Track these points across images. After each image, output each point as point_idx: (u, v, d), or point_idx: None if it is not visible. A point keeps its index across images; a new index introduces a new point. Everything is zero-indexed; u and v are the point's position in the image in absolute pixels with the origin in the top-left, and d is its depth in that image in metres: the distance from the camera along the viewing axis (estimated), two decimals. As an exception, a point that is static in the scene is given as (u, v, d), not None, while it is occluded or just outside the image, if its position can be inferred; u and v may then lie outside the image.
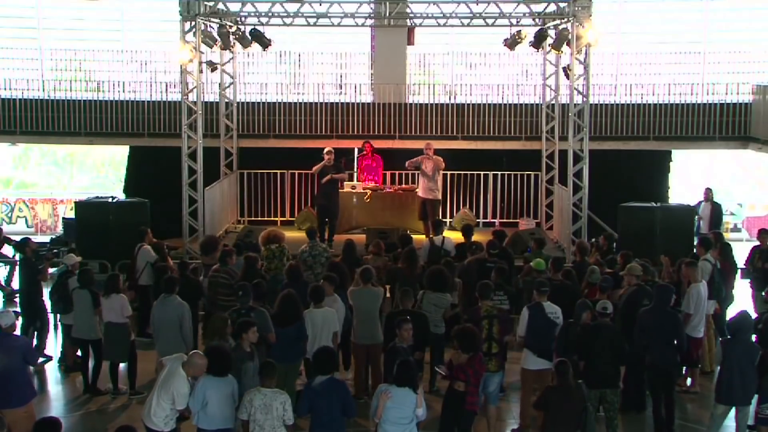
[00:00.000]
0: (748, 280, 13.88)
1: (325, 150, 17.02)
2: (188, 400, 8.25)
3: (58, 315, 12.83)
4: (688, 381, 11.90)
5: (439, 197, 17.53)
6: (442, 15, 16.50)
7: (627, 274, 11.39)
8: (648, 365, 10.11)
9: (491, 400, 9.87)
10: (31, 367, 9.50)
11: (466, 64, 20.87)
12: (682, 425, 10.72)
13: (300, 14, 16.20)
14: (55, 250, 13.78)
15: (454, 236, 15.18)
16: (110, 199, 17.16)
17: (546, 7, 16.02)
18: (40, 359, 12.30)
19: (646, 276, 11.33)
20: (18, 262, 12.84)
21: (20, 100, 20.36)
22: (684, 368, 11.98)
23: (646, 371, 10.26)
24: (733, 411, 9.74)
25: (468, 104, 20.16)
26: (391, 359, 8.98)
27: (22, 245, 13.39)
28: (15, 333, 9.37)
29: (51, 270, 13.85)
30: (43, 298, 12.91)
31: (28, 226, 23.21)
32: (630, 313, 10.49)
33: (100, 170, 32.68)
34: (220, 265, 12.12)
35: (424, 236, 16.36)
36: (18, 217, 23.39)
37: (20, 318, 12.47)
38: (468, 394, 9.01)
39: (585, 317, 9.84)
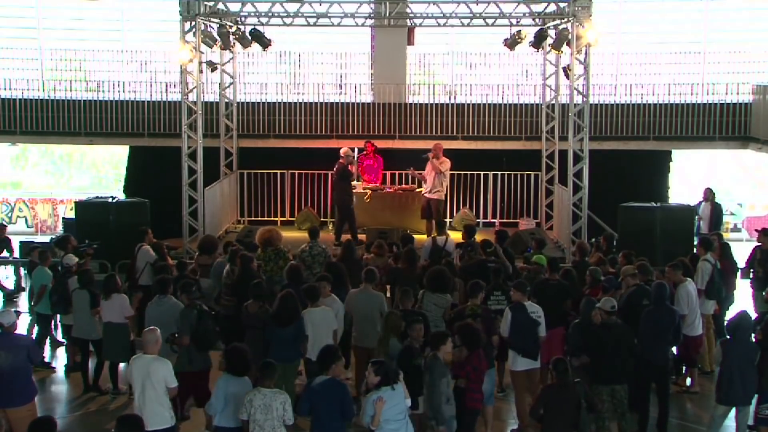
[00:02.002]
0: (748, 280, 13.88)
1: (351, 153, 17.00)
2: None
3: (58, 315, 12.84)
4: (688, 381, 11.91)
5: (443, 197, 17.51)
6: (442, 15, 16.50)
7: (623, 275, 11.44)
8: (644, 362, 10.12)
9: (485, 400, 9.87)
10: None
11: (466, 64, 20.88)
12: (682, 425, 10.73)
13: (300, 14, 16.20)
14: (95, 245, 13.84)
15: (454, 236, 15.17)
16: (110, 199, 17.17)
17: (546, 7, 16.02)
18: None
19: (646, 276, 11.32)
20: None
21: (20, 100, 20.38)
22: (684, 368, 12.01)
23: (642, 368, 10.28)
24: (733, 411, 9.74)
25: (468, 104, 20.17)
26: (406, 359, 9.02)
27: (64, 243, 13.40)
28: (17, 332, 9.37)
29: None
30: None
31: (28, 226, 23.24)
32: (630, 313, 10.49)
33: (100, 170, 32.68)
34: (230, 264, 12.18)
35: (424, 236, 16.35)
36: (18, 217, 23.41)
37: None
38: (468, 391, 9.04)
39: (595, 315, 9.87)
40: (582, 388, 9.10)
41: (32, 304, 12.84)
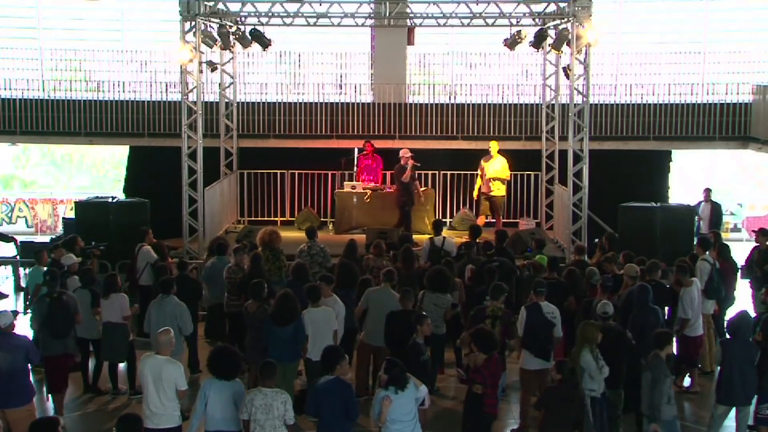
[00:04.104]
0: (748, 280, 13.88)
1: (408, 155, 17.15)
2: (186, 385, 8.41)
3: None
4: (687, 381, 11.90)
5: (497, 194, 17.85)
6: (442, 15, 16.49)
7: (624, 274, 11.43)
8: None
9: None
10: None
11: (466, 64, 20.86)
12: (682, 425, 10.70)
13: (300, 14, 16.20)
14: (102, 246, 13.92)
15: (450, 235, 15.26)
16: (110, 199, 17.17)
17: (546, 7, 16.01)
18: None
19: (651, 276, 11.30)
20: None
21: (20, 100, 20.37)
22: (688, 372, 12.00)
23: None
24: (733, 411, 9.74)
25: (468, 104, 20.16)
26: (414, 355, 9.03)
27: (72, 243, 13.44)
28: (15, 332, 9.38)
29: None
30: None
31: (28, 226, 23.23)
32: (629, 312, 10.50)
33: (100, 170, 32.67)
34: (235, 260, 12.30)
35: (425, 236, 16.36)
36: (18, 217, 23.41)
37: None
38: (486, 397, 8.97)
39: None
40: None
41: (27, 303, 12.85)
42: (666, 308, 11.36)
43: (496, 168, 17.73)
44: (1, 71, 20.74)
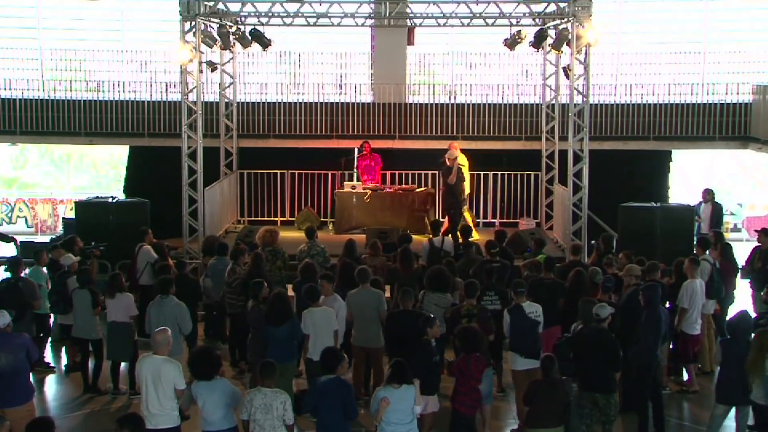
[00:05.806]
0: (748, 280, 13.87)
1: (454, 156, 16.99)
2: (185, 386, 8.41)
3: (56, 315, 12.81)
4: (685, 376, 11.89)
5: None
6: (442, 15, 16.49)
7: (626, 274, 11.41)
8: (634, 360, 10.14)
9: (482, 400, 9.88)
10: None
11: (466, 64, 20.87)
12: (682, 425, 10.74)
13: (300, 14, 16.20)
14: (101, 246, 13.93)
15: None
16: (110, 199, 17.17)
17: (546, 7, 16.01)
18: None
19: (652, 276, 11.29)
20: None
21: (20, 100, 20.37)
22: (684, 367, 12.00)
23: (634, 368, 10.28)
24: (733, 411, 9.74)
25: (468, 104, 20.16)
26: (425, 357, 9.06)
27: (71, 243, 13.44)
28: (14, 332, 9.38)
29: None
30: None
31: (28, 226, 23.22)
32: (630, 312, 10.48)
33: (100, 170, 32.68)
34: (233, 262, 12.26)
35: (424, 237, 16.35)
36: (18, 217, 23.39)
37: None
38: (457, 393, 9.14)
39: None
40: (570, 387, 9.11)
41: None
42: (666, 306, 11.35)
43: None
44: (1, 71, 20.75)
